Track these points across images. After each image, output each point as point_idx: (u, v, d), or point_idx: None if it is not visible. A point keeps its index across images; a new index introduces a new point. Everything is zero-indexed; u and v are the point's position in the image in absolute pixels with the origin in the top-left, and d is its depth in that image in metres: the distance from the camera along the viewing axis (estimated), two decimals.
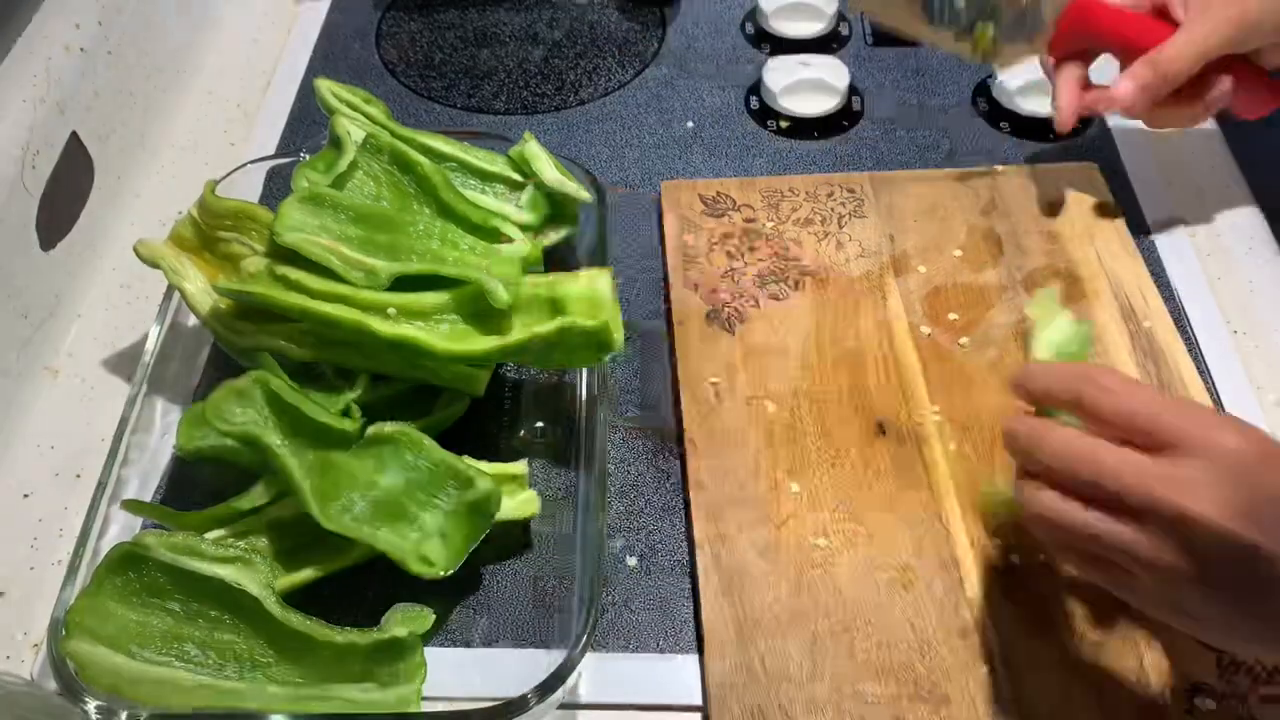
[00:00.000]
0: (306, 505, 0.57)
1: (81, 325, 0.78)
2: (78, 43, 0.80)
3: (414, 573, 0.58)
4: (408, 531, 0.60)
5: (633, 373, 0.73)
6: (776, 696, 0.57)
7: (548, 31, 1.00)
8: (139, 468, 0.66)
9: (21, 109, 0.74)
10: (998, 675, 0.58)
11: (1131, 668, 0.58)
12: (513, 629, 0.61)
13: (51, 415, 0.73)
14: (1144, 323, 0.72)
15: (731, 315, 0.74)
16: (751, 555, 0.63)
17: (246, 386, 0.61)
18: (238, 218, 0.69)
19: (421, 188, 0.70)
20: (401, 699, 0.55)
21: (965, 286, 0.75)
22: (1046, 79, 0.77)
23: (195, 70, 0.96)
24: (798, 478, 0.66)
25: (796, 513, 0.64)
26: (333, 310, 0.62)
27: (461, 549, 0.59)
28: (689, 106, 0.92)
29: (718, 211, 0.80)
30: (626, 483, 0.68)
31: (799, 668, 0.58)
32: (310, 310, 0.62)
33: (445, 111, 0.93)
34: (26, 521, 0.67)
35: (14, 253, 0.71)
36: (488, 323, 0.65)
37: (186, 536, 0.57)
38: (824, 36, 0.97)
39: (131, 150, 0.86)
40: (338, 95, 0.75)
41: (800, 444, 0.67)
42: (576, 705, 0.59)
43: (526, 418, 0.70)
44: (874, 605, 0.60)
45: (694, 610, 0.62)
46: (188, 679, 0.54)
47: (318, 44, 0.99)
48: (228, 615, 0.56)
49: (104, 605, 0.55)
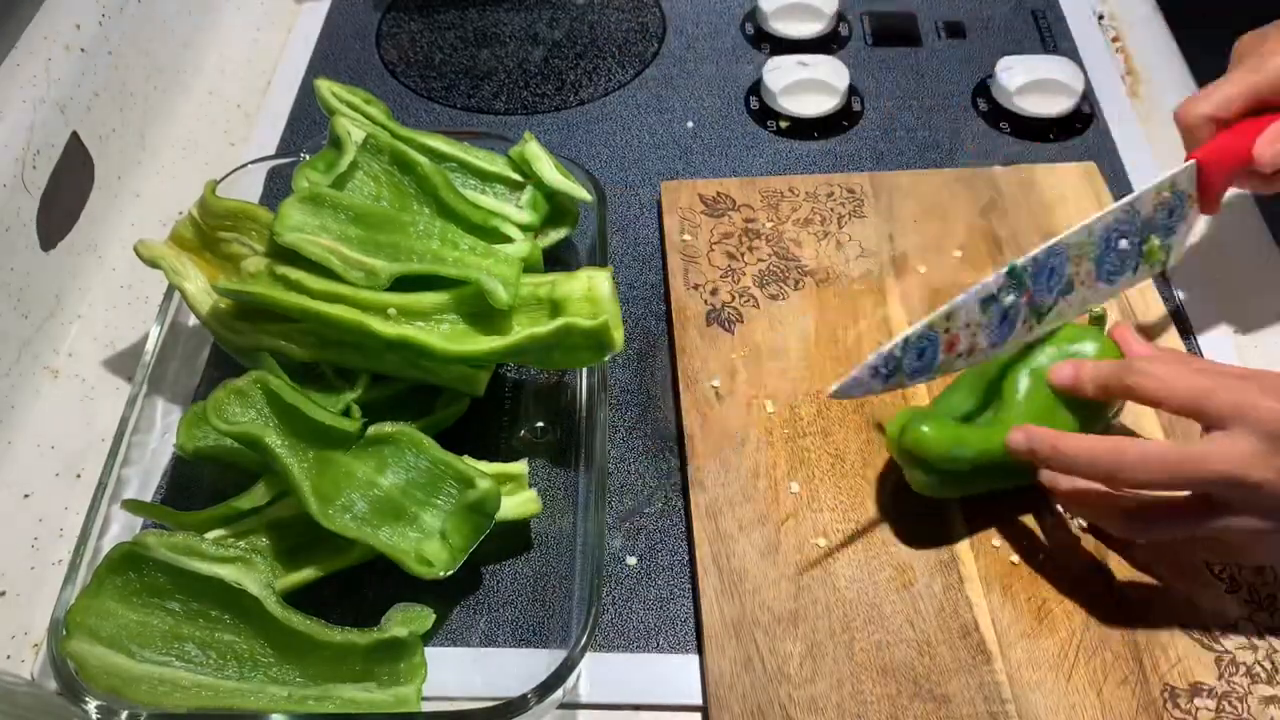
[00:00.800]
0: (306, 505, 0.57)
1: (81, 325, 0.78)
2: (78, 43, 0.80)
3: (414, 573, 0.58)
4: (408, 531, 0.60)
5: (633, 373, 0.73)
6: (776, 696, 0.57)
7: (548, 31, 1.00)
8: (139, 468, 0.66)
9: (21, 109, 0.74)
10: (997, 675, 0.58)
11: (1130, 668, 0.58)
12: (513, 629, 0.61)
13: (51, 415, 0.73)
14: (1141, 320, 0.72)
15: (731, 315, 0.74)
16: (751, 555, 0.63)
17: (246, 386, 0.61)
18: (238, 218, 0.69)
19: (421, 188, 0.70)
20: (402, 698, 0.55)
21: (965, 287, 0.74)
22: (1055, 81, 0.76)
23: (195, 70, 0.96)
24: (797, 477, 0.66)
25: (796, 512, 0.64)
26: (333, 310, 0.62)
27: (462, 549, 0.59)
28: (689, 106, 0.92)
29: (717, 211, 0.80)
30: (626, 483, 0.68)
31: (798, 667, 0.58)
32: (310, 310, 0.62)
33: (445, 112, 0.93)
34: (26, 521, 0.68)
35: (14, 253, 0.71)
36: (488, 323, 0.65)
37: (187, 536, 0.57)
38: (824, 36, 0.97)
39: (131, 150, 0.86)
40: (338, 95, 0.75)
41: (800, 443, 0.67)
42: (576, 705, 0.59)
43: (526, 418, 0.70)
44: (873, 604, 0.61)
45: (694, 609, 0.62)
46: (188, 679, 0.54)
47: (318, 44, 0.99)
48: (228, 615, 0.56)
49: (104, 605, 0.55)
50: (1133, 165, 0.85)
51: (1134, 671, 0.58)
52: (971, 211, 0.80)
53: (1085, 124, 0.89)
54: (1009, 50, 0.95)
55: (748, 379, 0.71)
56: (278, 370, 0.62)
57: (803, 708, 0.57)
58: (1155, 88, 0.94)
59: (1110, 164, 0.85)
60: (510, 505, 0.62)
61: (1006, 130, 0.89)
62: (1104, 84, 0.92)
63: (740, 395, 0.70)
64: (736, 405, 0.69)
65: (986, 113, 0.91)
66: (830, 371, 0.71)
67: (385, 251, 0.66)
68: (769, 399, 0.70)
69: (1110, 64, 0.94)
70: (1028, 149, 0.87)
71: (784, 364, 0.71)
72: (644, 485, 0.68)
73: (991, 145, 0.88)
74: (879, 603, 0.61)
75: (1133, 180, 0.84)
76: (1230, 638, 0.59)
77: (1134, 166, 0.85)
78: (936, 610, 0.60)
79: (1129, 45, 0.97)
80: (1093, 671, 0.58)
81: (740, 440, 0.68)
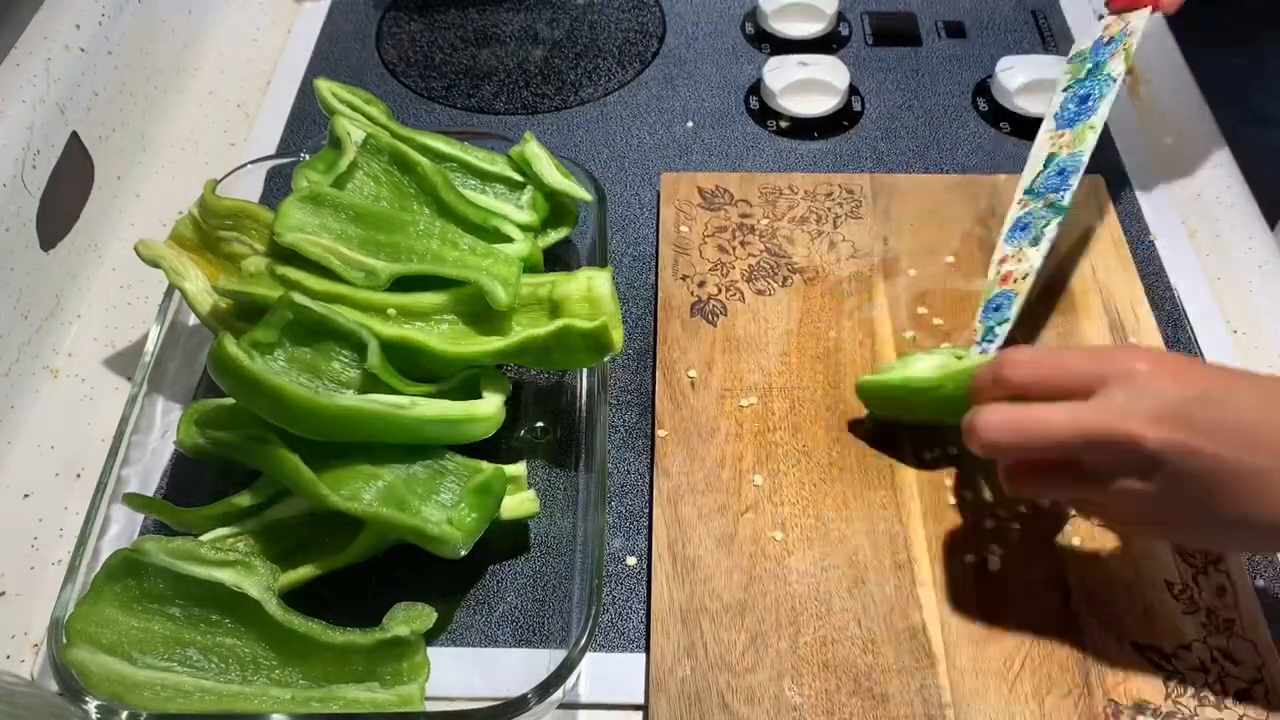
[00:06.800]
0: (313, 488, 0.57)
1: (81, 325, 0.78)
2: (78, 43, 0.80)
3: (432, 541, 0.57)
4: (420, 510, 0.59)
5: (632, 373, 0.73)
6: (715, 683, 0.57)
7: (548, 31, 1.00)
8: (139, 467, 0.66)
9: (21, 109, 0.74)
10: (940, 678, 0.58)
11: (1075, 682, 0.57)
12: (513, 629, 0.61)
13: (51, 415, 0.73)
14: (1131, 338, 0.72)
15: (716, 308, 0.74)
16: (708, 543, 0.63)
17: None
18: (238, 217, 0.69)
19: (421, 188, 0.70)
20: (405, 698, 0.55)
21: (952, 293, 0.75)
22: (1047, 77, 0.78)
23: (195, 70, 0.96)
24: (762, 470, 0.66)
25: (757, 504, 0.65)
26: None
27: (475, 529, 0.58)
28: (689, 106, 0.92)
29: (714, 205, 0.80)
30: (626, 483, 0.68)
31: (740, 656, 0.58)
32: None
33: (445, 112, 0.93)
34: (26, 521, 0.67)
35: (14, 253, 0.71)
36: (487, 324, 0.65)
37: (185, 541, 0.57)
38: (824, 36, 0.97)
39: (131, 150, 0.86)
40: (338, 95, 0.75)
41: (768, 438, 0.68)
42: (576, 705, 0.59)
43: (526, 418, 0.70)
44: (823, 600, 0.60)
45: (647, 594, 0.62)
46: (190, 684, 0.54)
47: (318, 44, 0.99)
48: (229, 619, 0.56)
49: (104, 613, 0.55)
50: (1133, 166, 0.85)
51: (1079, 685, 0.57)
52: (969, 219, 0.80)
53: None
54: (1009, 50, 0.95)
55: (724, 370, 0.71)
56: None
57: (740, 697, 0.57)
58: (1155, 88, 0.94)
59: (1111, 164, 0.85)
60: (510, 505, 0.62)
61: (1006, 130, 0.89)
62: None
63: (715, 387, 0.70)
64: (710, 396, 0.70)
65: (986, 113, 0.91)
66: (808, 369, 0.71)
67: (385, 251, 0.66)
68: (743, 391, 0.70)
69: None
70: (1028, 149, 0.87)
71: (762, 358, 0.72)
72: (644, 485, 0.68)
73: (991, 145, 0.88)
74: (829, 599, 0.61)
75: (1133, 180, 0.84)
76: (1182, 658, 0.58)
77: (1134, 167, 0.85)
78: (886, 610, 0.60)
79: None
80: (1037, 682, 0.57)
81: (710, 431, 0.68)
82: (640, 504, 0.67)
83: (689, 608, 0.60)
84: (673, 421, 0.68)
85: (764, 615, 0.60)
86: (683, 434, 0.68)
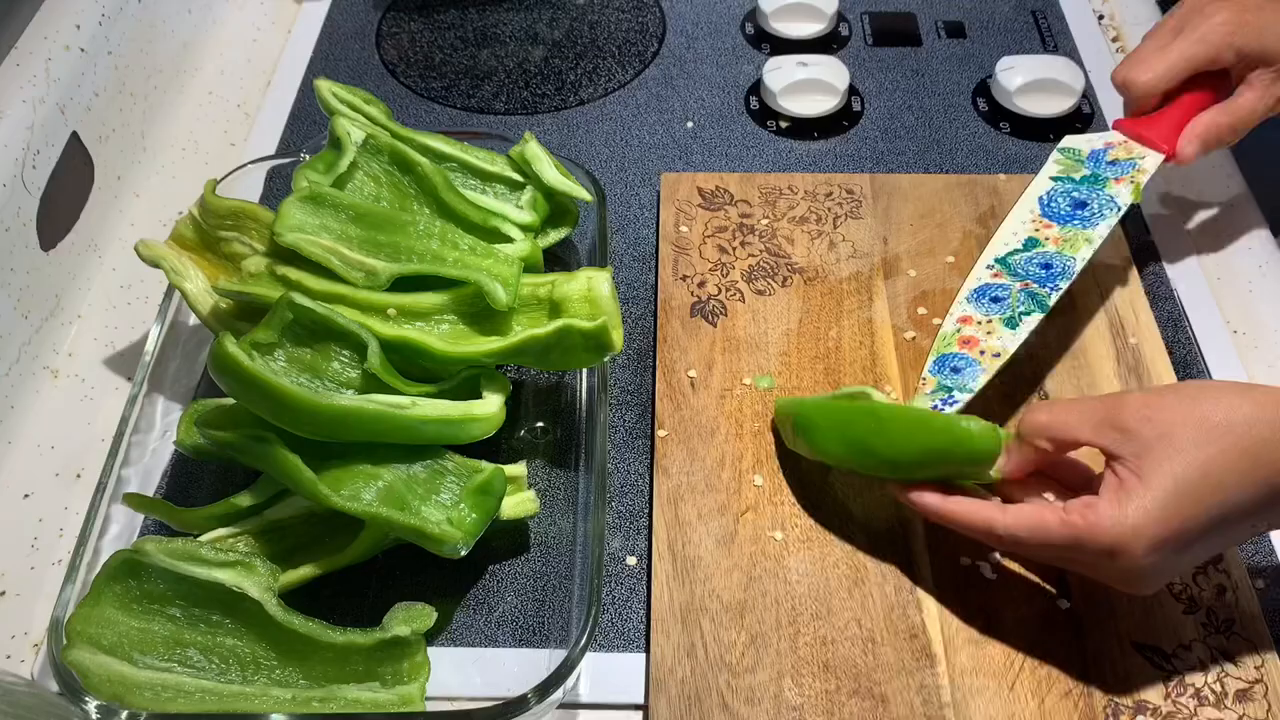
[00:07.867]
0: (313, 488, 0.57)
1: (81, 325, 0.78)
2: (78, 43, 0.80)
3: (432, 541, 0.57)
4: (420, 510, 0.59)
5: (633, 373, 0.73)
6: (715, 683, 0.57)
7: (548, 31, 1.00)
8: (139, 467, 0.66)
9: (21, 109, 0.74)
10: (939, 678, 0.58)
11: (1075, 682, 0.57)
12: (513, 629, 0.61)
13: (51, 415, 0.73)
14: (1130, 339, 0.72)
15: (716, 308, 0.74)
16: (708, 543, 0.63)
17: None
18: (238, 218, 0.69)
19: (421, 188, 0.70)
20: (405, 697, 0.55)
21: (952, 293, 0.74)
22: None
23: (195, 70, 0.96)
24: (762, 471, 0.66)
25: (757, 505, 0.65)
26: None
27: (475, 529, 0.58)
28: (689, 106, 0.92)
29: (714, 205, 0.80)
30: (626, 483, 0.68)
31: (740, 656, 0.58)
32: None
33: (445, 112, 0.93)
34: (26, 521, 0.68)
35: (14, 253, 0.71)
36: (487, 324, 0.65)
37: (185, 542, 0.57)
38: (824, 36, 0.97)
39: (131, 150, 0.86)
40: (338, 95, 0.75)
41: (768, 438, 0.68)
42: (576, 705, 0.59)
43: (526, 418, 0.71)
44: (823, 600, 0.61)
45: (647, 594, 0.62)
46: (191, 684, 0.54)
47: (318, 44, 0.99)
48: (229, 619, 0.56)
49: (104, 614, 0.55)
50: None
51: (1079, 685, 0.57)
52: (969, 219, 0.80)
53: (1085, 124, 0.89)
54: (1009, 50, 0.95)
55: (724, 370, 0.71)
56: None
57: (740, 697, 0.57)
58: None
59: None
60: (510, 505, 0.62)
61: (1006, 130, 0.89)
62: (1104, 84, 0.92)
63: (715, 387, 0.70)
64: (710, 396, 0.70)
65: (986, 113, 0.91)
66: (808, 368, 0.71)
67: (385, 251, 0.66)
68: (743, 392, 0.70)
69: (1110, 64, 0.94)
70: (1027, 149, 0.87)
71: (761, 358, 0.72)
72: (644, 485, 0.68)
73: (991, 145, 0.88)
74: (828, 599, 0.61)
75: None
76: (1182, 658, 0.58)
77: None
78: (886, 610, 0.60)
79: (1129, 45, 0.97)
80: (1037, 682, 0.57)
81: (710, 431, 0.68)
82: (640, 504, 0.67)
83: (689, 608, 0.60)
84: (673, 421, 0.68)
85: (764, 615, 0.60)
86: (683, 434, 0.68)
